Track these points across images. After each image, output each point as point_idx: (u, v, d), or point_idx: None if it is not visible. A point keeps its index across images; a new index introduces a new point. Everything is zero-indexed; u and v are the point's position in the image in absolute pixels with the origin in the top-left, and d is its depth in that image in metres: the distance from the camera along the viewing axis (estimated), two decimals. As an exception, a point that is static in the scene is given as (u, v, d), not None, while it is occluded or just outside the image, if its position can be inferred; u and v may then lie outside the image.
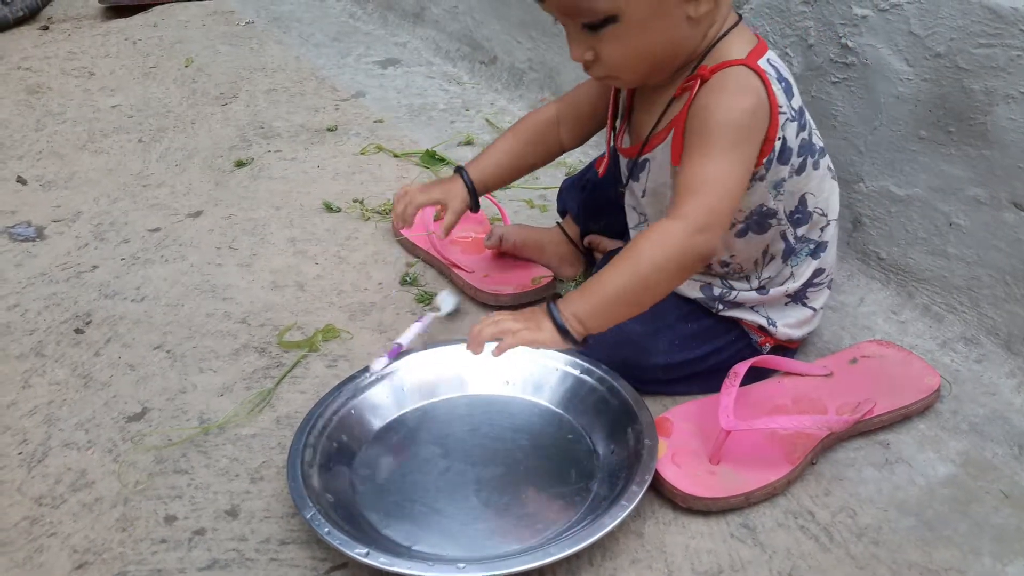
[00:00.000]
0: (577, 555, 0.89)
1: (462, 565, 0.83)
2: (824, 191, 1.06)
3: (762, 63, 0.95)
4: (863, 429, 1.04)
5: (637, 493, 0.89)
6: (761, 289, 1.08)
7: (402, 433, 1.03)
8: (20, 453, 1.04)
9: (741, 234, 1.04)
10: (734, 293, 1.08)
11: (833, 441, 1.02)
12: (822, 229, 1.07)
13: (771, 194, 1.00)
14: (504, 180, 1.19)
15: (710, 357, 1.09)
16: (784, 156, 0.97)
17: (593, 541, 0.85)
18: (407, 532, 0.91)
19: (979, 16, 1.07)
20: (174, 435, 1.06)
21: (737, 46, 0.96)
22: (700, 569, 0.89)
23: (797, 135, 0.98)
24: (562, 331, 0.93)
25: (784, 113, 0.95)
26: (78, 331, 1.25)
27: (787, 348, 1.13)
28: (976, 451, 1.02)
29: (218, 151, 1.78)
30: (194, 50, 2.30)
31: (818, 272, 1.09)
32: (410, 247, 1.42)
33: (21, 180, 1.67)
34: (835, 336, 1.21)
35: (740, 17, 0.99)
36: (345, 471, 0.99)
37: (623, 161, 1.10)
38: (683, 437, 1.00)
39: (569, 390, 1.07)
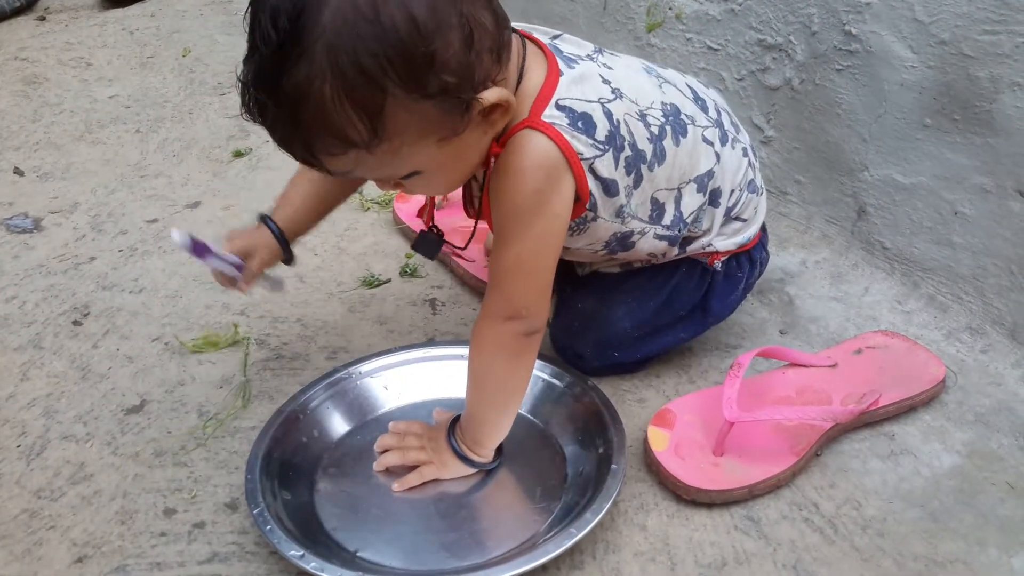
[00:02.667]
0: (580, 549, 0.88)
1: None
2: (676, 171, 0.97)
3: (548, 113, 0.85)
4: (868, 420, 1.03)
5: (589, 521, 0.86)
6: (683, 250, 1.06)
7: (375, 434, 1.01)
8: (19, 446, 1.03)
9: (612, 252, 1.02)
10: (659, 259, 1.06)
11: (838, 432, 1.01)
12: (699, 190, 1.00)
13: (617, 222, 0.96)
14: (312, 223, 1.09)
15: (673, 298, 1.08)
16: (611, 189, 0.91)
17: (520, 572, 0.82)
18: (357, 537, 0.90)
19: (985, 2, 1.05)
20: (173, 428, 1.06)
21: (523, 103, 0.85)
22: (704, 562, 0.88)
23: (617, 162, 0.90)
24: (468, 462, 0.96)
25: (587, 158, 0.87)
26: (76, 323, 1.24)
27: (743, 250, 1.09)
28: (982, 442, 1.01)
29: (216, 141, 1.76)
30: (191, 40, 2.28)
31: (734, 204, 1.05)
32: (410, 236, 1.41)
33: (18, 171, 1.66)
34: (840, 326, 1.20)
35: (524, 50, 0.88)
36: (310, 469, 0.97)
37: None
38: (686, 429, 1.00)
39: (553, 399, 1.05)
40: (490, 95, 0.79)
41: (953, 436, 1.02)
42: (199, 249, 0.96)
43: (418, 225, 1.39)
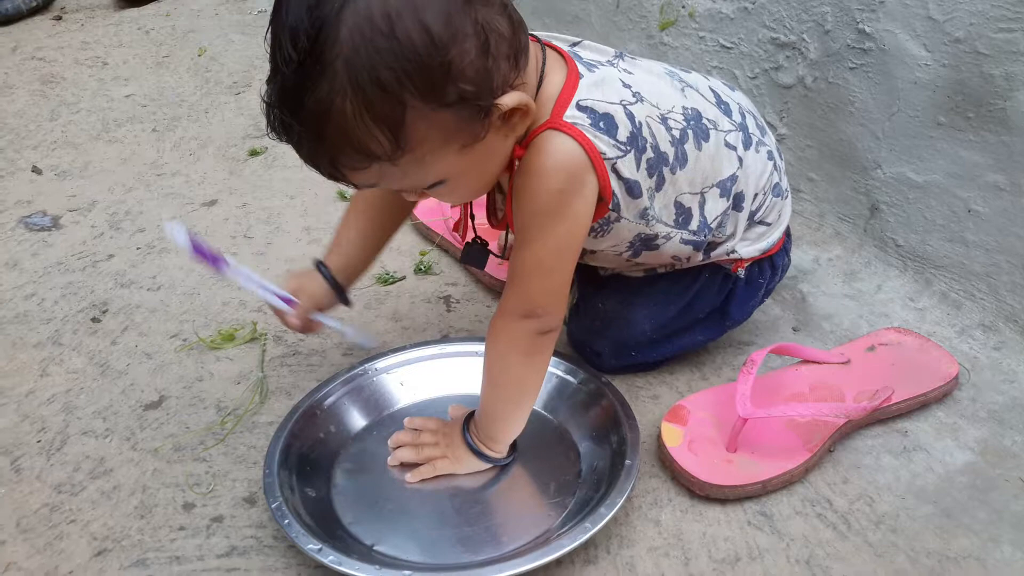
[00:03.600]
0: (595, 543, 0.89)
1: (408, 574, 0.83)
2: (698, 175, 0.97)
3: (570, 114, 0.85)
4: (881, 417, 1.03)
5: (604, 516, 0.86)
6: (707, 255, 1.05)
7: (391, 430, 1.02)
8: (39, 441, 1.05)
9: (636, 254, 1.02)
10: (682, 263, 1.06)
11: (851, 429, 1.02)
12: (722, 195, 1.00)
13: (641, 223, 0.95)
14: (365, 265, 1.10)
15: (694, 303, 1.08)
16: (634, 191, 0.91)
17: (534, 567, 0.82)
18: (374, 531, 0.91)
19: (999, 0, 1.05)
20: (191, 423, 1.07)
21: (544, 106, 0.86)
22: (717, 557, 0.89)
23: (639, 164, 0.90)
24: (482, 457, 0.96)
25: (609, 158, 0.87)
26: (95, 320, 1.25)
27: (765, 256, 1.09)
28: (995, 439, 1.01)
29: (232, 140, 1.78)
30: (207, 39, 2.30)
31: (757, 208, 1.04)
32: (425, 232, 1.42)
33: (36, 170, 1.68)
34: (853, 323, 1.20)
35: (543, 56, 0.88)
36: (327, 464, 0.98)
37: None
38: (700, 425, 1.00)
39: (567, 396, 1.06)
40: (509, 99, 0.79)
41: (966, 433, 1.02)
42: (203, 253, 0.96)
43: (434, 223, 1.40)
